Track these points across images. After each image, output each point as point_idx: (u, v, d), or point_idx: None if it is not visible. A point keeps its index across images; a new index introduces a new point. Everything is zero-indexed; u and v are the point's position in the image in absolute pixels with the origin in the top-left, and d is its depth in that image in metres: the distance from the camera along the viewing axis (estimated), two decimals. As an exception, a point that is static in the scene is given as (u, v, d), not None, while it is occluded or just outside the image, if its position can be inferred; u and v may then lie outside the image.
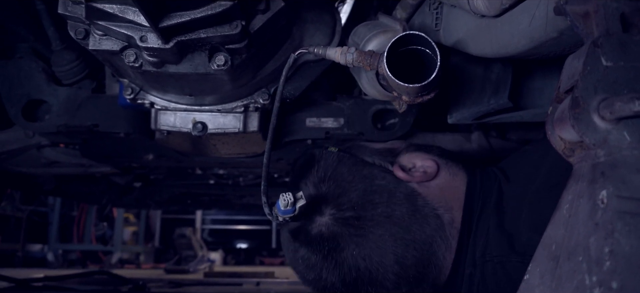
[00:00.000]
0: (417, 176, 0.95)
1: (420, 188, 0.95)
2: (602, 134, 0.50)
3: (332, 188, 0.96)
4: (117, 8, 0.76)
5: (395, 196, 0.93)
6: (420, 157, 1.00)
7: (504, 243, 0.83)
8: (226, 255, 8.14)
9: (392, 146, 1.08)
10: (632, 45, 0.51)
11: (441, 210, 0.93)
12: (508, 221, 0.85)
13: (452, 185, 0.97)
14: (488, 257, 0.86)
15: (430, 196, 0.94)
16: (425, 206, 0.93)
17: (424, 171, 0.97)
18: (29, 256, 6.85)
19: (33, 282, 2.38)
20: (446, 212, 0.93)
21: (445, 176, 0.98)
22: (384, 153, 1.05)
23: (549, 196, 0.65)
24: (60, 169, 1.85)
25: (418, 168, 0.98)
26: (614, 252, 0.46)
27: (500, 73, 1.08)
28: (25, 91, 1.31)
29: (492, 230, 0.87)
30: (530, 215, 0.78)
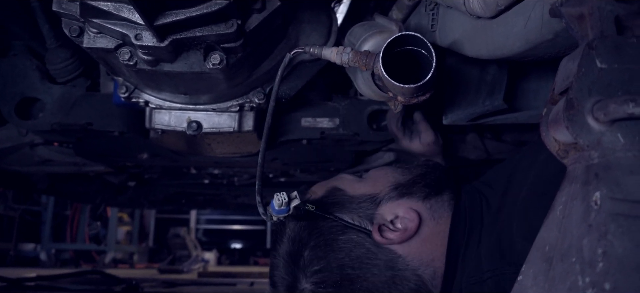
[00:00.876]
0: (396, 237, 0.92)
1: (400, 248, 0.92)
2: (596, 135, 0.50)
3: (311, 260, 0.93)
4: (111, 6, 0.76)
5: (375, 265, 0.91)
6: (402, 207, 0.95)
7: (495, 257, 0.82)
8: (220, 255, 8.12)
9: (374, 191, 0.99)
10: (627, 47, 0.51)
11: (422, 268, 0.91)
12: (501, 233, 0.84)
13: (435, 232, 0.94)
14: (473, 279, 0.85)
15: (410, 256, 0.92)
16: (405, 270, 0.91)
17: (405, 227, 0.92)
18: (22, 255, 6.80)
19: (25, 282, 2.37)
20: (428, 267, 0.92)
21: (428, 225, 0.94)
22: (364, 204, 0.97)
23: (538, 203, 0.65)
24: (54, 167, 1.84)
25: (400, 221, 0.94)
26: (607, 254, 0.46)
27: (495, 75, 1.08)
28: (19, 89, 1.31)
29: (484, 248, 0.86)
30: (521, 223, 0.77)
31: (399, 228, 0.93)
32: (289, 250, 0.96)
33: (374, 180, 1.02)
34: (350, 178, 1.05)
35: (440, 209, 0.97)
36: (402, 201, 0.96)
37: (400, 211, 0.95)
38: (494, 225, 0.88)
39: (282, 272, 0.97)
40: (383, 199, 0.97)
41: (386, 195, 0.98)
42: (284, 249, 0.97)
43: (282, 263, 0.97)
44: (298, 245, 0.95)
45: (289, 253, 0.96)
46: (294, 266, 0.95)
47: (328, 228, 0.95)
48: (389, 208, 0.96)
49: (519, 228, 0.77)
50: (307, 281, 0.93)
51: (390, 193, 0.98)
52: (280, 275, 0.97)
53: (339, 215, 0.95)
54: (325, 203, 0.98)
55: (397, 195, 0.97)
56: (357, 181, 1.03)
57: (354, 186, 1.02)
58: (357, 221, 0.95)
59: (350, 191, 1.00)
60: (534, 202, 0.76)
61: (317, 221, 0.96)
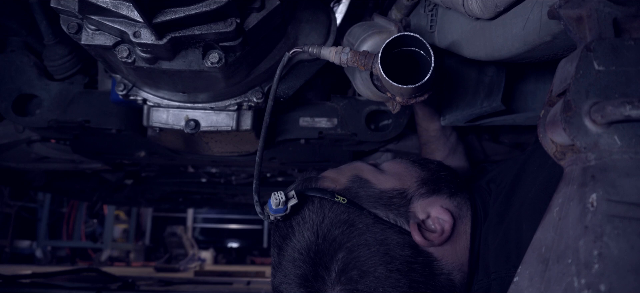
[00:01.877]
0: (436, 238, 0.85)
1: (436, 251, 0.86)
2: (593, 137, 0.50)
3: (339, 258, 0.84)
4: (110, 3, 0.76)
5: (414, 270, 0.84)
6: (434, 206, 0.89)
7: (501, 260, 0.81)
8: (217, 254, 8.11)
9: (402, 186, 0.91)
10: (624, 50, 0.52)
11: (454, 272, 0.87)
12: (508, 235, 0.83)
13: (461, 232, 0.90)
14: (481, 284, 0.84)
15: (444, 259, 0.86)
16: (441, 274, 0.86)
17: (442, 229, 0.87)
18: (17, 252, 6.78)
19: (20, 279, 2.36)
20: (459, 272, 0.88)
21: (459, 229, 0.89)
22: (395, 199, 0.89)
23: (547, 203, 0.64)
24: (51, 165, 1.84)
25: (434, 222, 0.88)
26: (602, 255, 0.46)
27: (493, 76, 1.08)
28: (16, 85, 1.30)
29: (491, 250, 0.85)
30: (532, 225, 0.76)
31: (435, 229, 0.87)
32: (316, 248, 0.85)
33: (397, 174, 0.95)
34: (371, 169, 0.96)
35: (464, 207, 0.93)
36: (433, 199, 0.91)
37: (433, 211, 0.89)
38: (500, 226, 0.87)
39: (299, 269, 0.86)
40: (413, 196, 0.91)
41: (416, 192, 0.91)
42: (306, 245, 0.86)
43: (301, 259, 0.86)
44: (329, 244, 0.85)
45: (315, 251, 0.85)
46: (319, 267, 0.85)
47: (365, 226, 0.85)
48: (421, 206, 0.90)
49: (529, 230, 0.75)
50: (333, 282, 0.84)
51: (420, 189, 0.92)
52: (294, 272, 0.87)
53: (374, 211, 0.87)
54: (354, 194, 0.90)
55: (427, 192, 0.92)
56: (379, 172, 0.95)
57: (379, 178, 0.93)
58: (392, 220, 0.87)
59: (377, 184, 0.92)
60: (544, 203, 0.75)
61: (350, 217, 0.86)
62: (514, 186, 0.91)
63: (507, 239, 0.82)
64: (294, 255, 0.87)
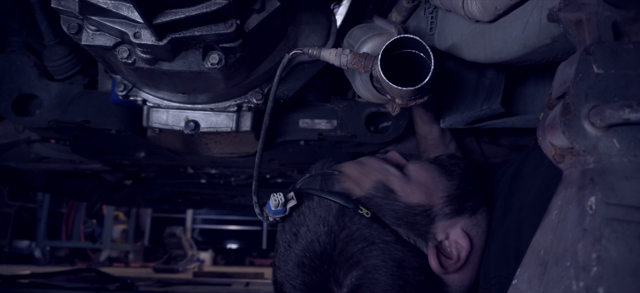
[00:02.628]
0: (450, 266, 0.84)
1: (448, 278, 0.85)
2: (592, 141, 0.50)
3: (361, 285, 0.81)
4: (111, 3, 0.76)
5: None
6: (455, 228, 0.87)
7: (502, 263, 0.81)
8: (216, 255, 8.10)
9: (428, 202, 0.87)
10: (623, 53, 0.52)
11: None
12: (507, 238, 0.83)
13: (476, 250, 0.88)
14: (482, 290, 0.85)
15: (454, 284, 0.86)
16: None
17: (458, 256, 0.85)
18: (16, 252, 6.77)
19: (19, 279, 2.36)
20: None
21: (474, 252, 0.87)
22: (418, 217, 0.85)
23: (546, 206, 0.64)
24: (50, 165, 1.84)
25: (452, 246, 0.86)
26: (601, 258, 0.46)
27: (493, 79, 1.09)
28: (16, 85, 1.30)
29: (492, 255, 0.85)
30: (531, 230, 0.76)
31: (452, 256, 0.85)
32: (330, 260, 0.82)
33: (425, 185, 0.90)
34: (398, 176, 0.90)
35: (483, 223, 0.90)
36: (455, 219, 0.87)
37: (453, 233, 0.86)
38: (499, 231, 0.87)
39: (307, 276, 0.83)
40: (437, 215, 0.87)
41: (440, 211, 0.87)
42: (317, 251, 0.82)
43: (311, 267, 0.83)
44: (345, 259, 0.81)
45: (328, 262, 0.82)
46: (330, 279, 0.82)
47: (385, 245, 0.81)
48: (443, 227, 0.86)
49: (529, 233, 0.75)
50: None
51: (445, 208, 0.88)
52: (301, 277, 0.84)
53: (397, 230, 0.83)
54: (378, 206, 0.85)
55: (451, 212, 0.88)
56: (405, 181, 0.89)
57: (406, 189, 0.88)
58: (412, 240, 0.83)
59: (403, 197, 0.86)
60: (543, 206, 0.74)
61: (371, 234, 0.82)
62: (511, 190, 0.91)
63: (507, 243, 0.82)
64: (303, 260, 0.84)
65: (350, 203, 0.82)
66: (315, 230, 0.83)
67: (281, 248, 0.88)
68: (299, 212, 0.86)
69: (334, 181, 0.88)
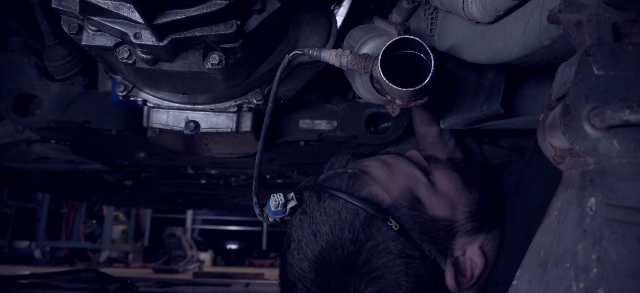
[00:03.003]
0: (465, 283, 0.85)
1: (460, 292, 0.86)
2: (592, 142, 0.51)
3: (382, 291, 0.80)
4: (111, 4, 0.76)
5: None
6: (472, 245, 0.86)
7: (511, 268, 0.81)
8: (216, 255, 8.10)
9: (452, 217, 0.86)
10: (623, 54, 0.52)
11: None
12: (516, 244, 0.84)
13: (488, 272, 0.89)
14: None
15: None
16: None
17: (471, 274, 0.85)
18: (16, 252, 6.77)
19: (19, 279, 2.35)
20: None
21: (487, 268, 0.87)
22: (441, 233, 0.84)
23: None
24: (50, 165, 1.84)
25: (466, 263, 0.86)
26: (601, 259, 0.46)
27: (493, 80, 1.09)
28: (17, 85, 1.30)
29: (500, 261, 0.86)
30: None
31: (466, 273, 0.85)
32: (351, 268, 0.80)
33: (450, 198, 0.88)
34: (426, 185, 0.88)
35: (497, 238, 0.90)
36: (474, 237, 0.87)
37: (469, 251, 0.86)
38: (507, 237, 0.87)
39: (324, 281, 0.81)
40: (459, 231, 0.86)
41: (462, 227, 0.86)
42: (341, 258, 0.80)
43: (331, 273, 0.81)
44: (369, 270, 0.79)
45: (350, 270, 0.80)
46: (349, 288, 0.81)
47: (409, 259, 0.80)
48: (461, 244, 0.86)
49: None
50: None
51: (466, 225, 0.87)
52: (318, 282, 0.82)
53: (421, 245, 0.82)
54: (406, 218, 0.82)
55: (472, 230, 0.87)
56: (433, 191, 0.88)
57: (432, 200, 0.86)
58: (433, 255, 0.83)
59: (430, 209, 0.85)
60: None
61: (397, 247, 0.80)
62: (516, 194, 0.91)
63: (515, 248, 0.82)
64: (323, 265, 0.81)
65: (380, 214, 0.80)
66: (339, 235, 0.80)
67: (296, 244, 0.84)
68: (321, 210, 0.82)
69: (362, 183, 0.85)
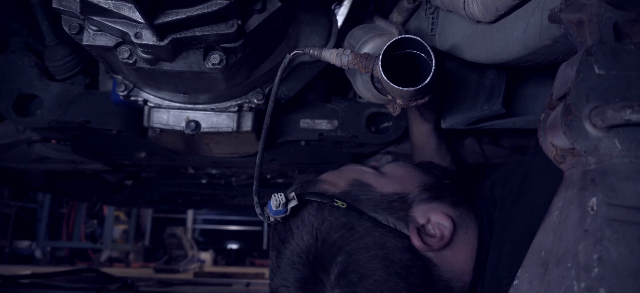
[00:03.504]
0: (435, 244, 0.85)
1: (435, 257, 0.85)
2: (593, 141, 0.50)
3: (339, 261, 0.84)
4: (112, 3, 0.76)
5: (413, 274, 0.84)
6: (435, 211, 0.88)
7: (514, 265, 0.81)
8: (217, 255, 8.10)
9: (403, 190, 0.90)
10: (625, 54, 0.52)
11: (454, 280, 0.87)
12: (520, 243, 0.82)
13: (464, 242, 0.89)
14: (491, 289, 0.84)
15: (444, 265, 0.86)
16: (439, 280, 0.86)
17: (441, 234, 0.86)
18: (17, 252, 6.78)
19: (20, 279, 2.36)
20: (458, 281, 0.87)
21: (459, 235, 0.88)
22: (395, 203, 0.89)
23: None
24: (51, 165, 1.84)
25: (434, 227, 0.87)
26: (602, 259, 0.46)
27: (494, 79, 1.09)
28: (17, 86, 1.30)
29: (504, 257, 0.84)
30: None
31: (435, 235, 0.86)
32: (315, 251, 0.86)
33: (399, 177, 0.94)
34: (372, 172, 0.95)
35: (467, 219, 0.91)
36: (435, 204, 0.90)
37: (434, 216, 0.88)
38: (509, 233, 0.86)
39: (298, 272, 0.87)
40: (414, 200, 0.90)
41: (417, 197, 0.90)
42: (305, 248, 0.87)
43: (301, 262, 0.87)
44: (328, 247, 0.85)
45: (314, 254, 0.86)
46: (319, 270, 0.85)
47: (364, 230, 0.85)
48: (422, 211, 0.89)
49: None
50: (332, 284, 0.84)
51: (422, 194, 0.91)
52: (293, 275, 0.87)
53: (373, 215, 0.87)
54: (353, 198, 0.89)
55: (429, 198, 0.90)
56: (380, 176, 0.94)
57: (380, 182, 0.93)
58: (392, 224, 0.86)
59: (377, 187, 0.91)
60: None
61: (349, 221, 0.86)
62: (520, 192, 0.91)
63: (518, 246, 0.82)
64: (293, 259, 0.88)
65: (326, 199, 0.88)
66: (298, 231, 0.88)
67: (273, 255, 0.93)
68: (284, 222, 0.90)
69: (312, 184, 0.94)
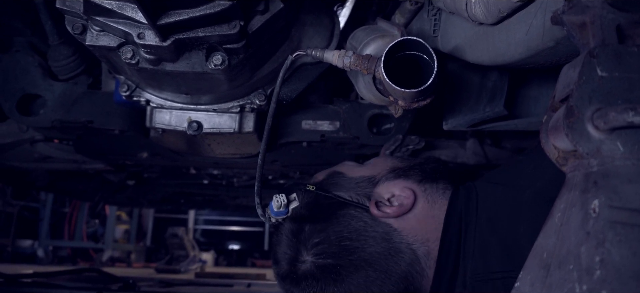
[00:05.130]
0: (392, 211, 0.96)
1: (396, 222, 0.96)
2: (596, 143, 0.50)
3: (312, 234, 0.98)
4: (115, 4, 0.76)
5: (371, 237, 0.95)
6: (398, 186, 0.99)
7: (505, 259, 0.83)
8: (218, 255, 8.10)
9: (372, 173, 1.04)
10: (627, 56, 0.52)
11: (417, 244, 0.95)
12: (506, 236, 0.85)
13: (429, 214, 0.97)
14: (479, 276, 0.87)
15: (405, 230, 0.96)
16: (400, 242, 0.95)
17: (400, 203, 0.97)
18: (19, 252, 6.79)
19: (22, 278, 2.36)
20: (422, 245, 0.95)
21: (423, 205, 0.98)
22: (362, 184, 1.03)
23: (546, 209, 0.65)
24: (53, 164, 1.84)
25: (396, 199, 0.98)
26: (604, 261, 0.46)
27: (496, 81, 1.09)
28: (21, 85, 1.31)
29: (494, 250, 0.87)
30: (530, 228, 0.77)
31: (395, 204, 0.97)
32: (291, 227, 1.01)
33: (373, 165, 1.08)
34: (352, 164, 1.10)
35: (435, 194, 1.00)
36: (399, 181, 1.00)
37: (397, 190, 0.99)
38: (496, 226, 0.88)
39: (284, 247, 1.01)
40: (380, 180, 1.02)
41: (384, 176, 1.02)
42: (287, 227, 1.02)
43: (284, 239, 1.02)
44: (299, 221, 1.00)
45: (291, 229, 1.01)
46: (295, 240, 1.00)
47: (327, 204, 1.00)
48: (386, 187, 1.00)
49: (527, 233, 0.77)
50: (307, 253, 0.98)
51: (388, 174, 1.02)
52: (282, 250, 1.02)
53: (337, 193, 1.01)
54: (325, 184, 1.04)
55: (394, 176, 1.02)
56: (357, 166, 1.09)
57: (354, 169, 1.07)
58: (355, 199, 1.00)
59: (349, 174, 1.05)
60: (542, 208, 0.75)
61: (318, 199, 1.01)
62: (509, 189, 0.92)
63: (507, 241, 0.84)
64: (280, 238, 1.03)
65: (301, 187, 1.02)
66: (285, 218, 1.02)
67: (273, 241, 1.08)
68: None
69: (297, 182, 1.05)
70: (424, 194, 0.99)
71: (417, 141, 1.11)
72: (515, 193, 0.88)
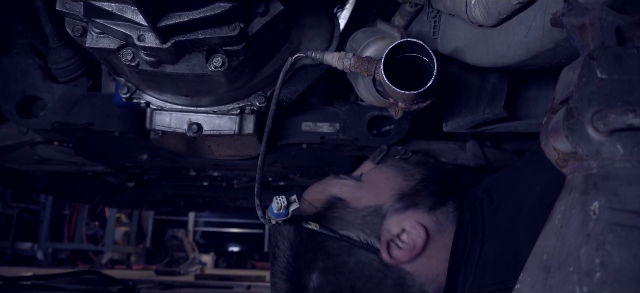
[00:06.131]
0: (405, 256, 0.90)
1: (408, 266, 0.90)
2: (596, 145, 0.50)
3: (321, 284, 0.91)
4: (115, 6, 0.76)
5: (385, 284, 0.90)
6: (408, 220, 0.92)
7: (501, 269, 0.82)
8: (218, 257, 8.10)
9: (377, 202, 0.95)
10: (627, 58, 0.52)
11: (428, 283, 0.91)
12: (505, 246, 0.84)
13: (440, 244, 0.92)
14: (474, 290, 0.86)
15: (417, 272, 0.91)
16: (413, 286, 0.91)
17: (413, 244, 0.90)
18: (19, 254, 6.78)
19: (21, 281, 2.36)
20: (433, 282, 0.91)
21: (434, 240, 0.92)
22: (368, 218, 0.94)
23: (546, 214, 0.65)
24: (53, 166, 1.84)
25: (407, 236, 0.91)
26: (604, 263, 0.46)
27: (496, 83, 1.09)
28: (21, 87, 1.31)
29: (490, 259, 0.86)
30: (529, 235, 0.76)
31: (407, 244, 0.90)
32: (294, 269, 0.94)
33: (375, 187, 0.98)
34: (350, 184, 1.00)
35: (446, 221, 0.94)
36: (408, 213, 0.93)
37: (407, 225, 0.91)
38: (495, 236, 0.87)
39: (285, 284, 0.95)
40: (388, 211, 0.94)
41: (391, 207, 0.94)
42: (286, 265, 0.95)
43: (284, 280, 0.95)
44: (305, 266, 0.93)
45: (293, 272, 0.94)
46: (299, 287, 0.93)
47: (335, 248, 0.91)
48: (395, 222, 0.92)
49: (527, 239, 0.76)
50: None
51: (395, 205, 0.94)
52: (282, 287, 0.96)
53: (345, 234, 0.92)
54: (328, 218, 0.95)
55: (403, 207, 0.94)
56: (357, 187, 0.99)
57: (356, 195, 0.97)
58: (363, 239, 0.92)
59: (352, 202, 0.96)
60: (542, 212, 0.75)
61: (323, 240, 0.92)
62: (509, 195, 0.91)
63: (505, 249, 0.83)
64: (279, 273, 0.97)
65: (302, 221, 0.92)
66: (283, 245, 0.97)
67: (271, 258, 1.02)
68: (275, 231, 0.98)
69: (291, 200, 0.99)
70: (435, 225, 0.93)
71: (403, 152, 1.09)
72: (515, 199, 0.88)
